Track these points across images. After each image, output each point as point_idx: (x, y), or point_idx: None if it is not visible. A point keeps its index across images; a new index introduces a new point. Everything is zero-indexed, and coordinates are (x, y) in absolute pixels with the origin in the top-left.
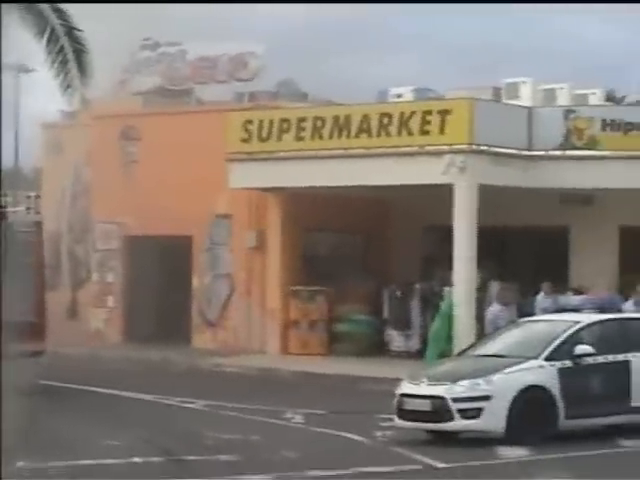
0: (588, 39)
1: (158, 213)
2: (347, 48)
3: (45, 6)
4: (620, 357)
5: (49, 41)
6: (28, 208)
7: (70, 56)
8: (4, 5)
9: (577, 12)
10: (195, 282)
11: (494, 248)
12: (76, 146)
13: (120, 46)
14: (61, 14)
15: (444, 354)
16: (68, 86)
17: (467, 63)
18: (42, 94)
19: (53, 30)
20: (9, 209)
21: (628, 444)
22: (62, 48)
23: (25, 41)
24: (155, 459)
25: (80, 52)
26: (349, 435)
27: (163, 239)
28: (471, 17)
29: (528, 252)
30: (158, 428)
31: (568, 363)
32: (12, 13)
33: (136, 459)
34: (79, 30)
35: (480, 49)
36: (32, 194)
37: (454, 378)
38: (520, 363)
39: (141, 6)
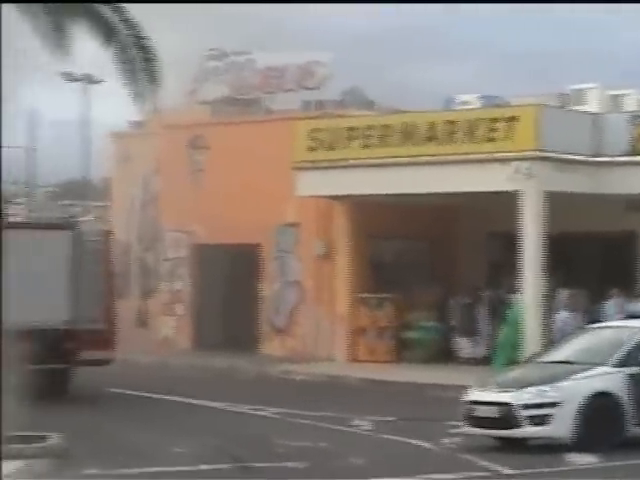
0: None
1: (226, 221)
2: (413, 56)
3: (114, 17)
4: None
5: (118, 51)
6: (98, 218)
7: (139, 65)
8: (4, 5)
9: None
10: (263, 290)
11: (561, 255)
12: (145, 156)
13: (188, 56)
14: (129, 24)
15: (512, 361)
16: (137, 95)
17: (533, 69)
18: (111, 105)
19: (122, 40)
20: (79, 219)
21: None
22: (131, 58)
23: (94, 52)
24: (224, 466)
25: (149, 61)
26: (417, 442)
27: (231, 247)
28: (537, 23)
29: (595, 258)
30: (227, 435)
31: (636, 369)
32: (81, 24)
33: (205, 466)
34: (148, 39)
35: (546, 55)
36: (102, 204)
37: (522, 385)
38: (588, 370)
39: (209, 16)
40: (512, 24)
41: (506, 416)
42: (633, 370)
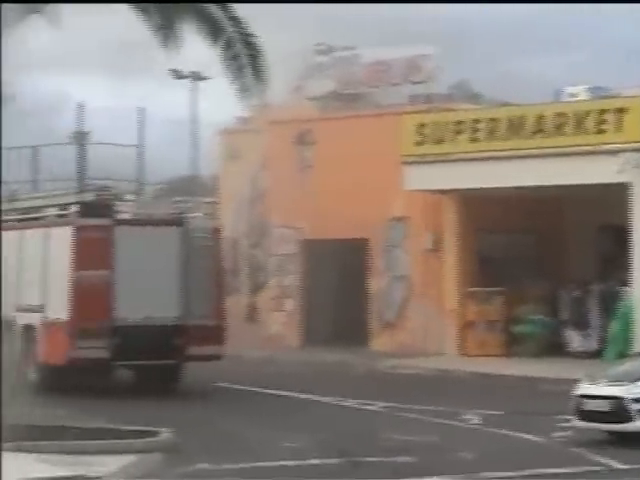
0: None
1: (334, 217)
2: (521, 48)
3: (221, 15)
4: None
5: (224, 47)
6: (206, 214)
7: (245, 61)
8: (4, 5)
9: None
10: (372, 284)
11: None
12: (252, 152)
13: (295, 52)
14: (236, 22)
15: (623, 354)
16: (244, 91)
17: None
18: (219, 102)
19: (228, 38)
20: (189, 215)
21: None
22: (237, 54)
23: (201, 50)
24: (332, 461)
25: (255, 57)
26: (527, 436)
27: (339, 242)
28: None
29: None
30: (336, 430)
31: None
32: (189, 22)
33: (314, 461)
34: (253, 36)
35: None
36: (210, 200)
37: (633, 378)
38: None
39: (315, 12)
40: (621, 14)
41: (617, 410)
42: None
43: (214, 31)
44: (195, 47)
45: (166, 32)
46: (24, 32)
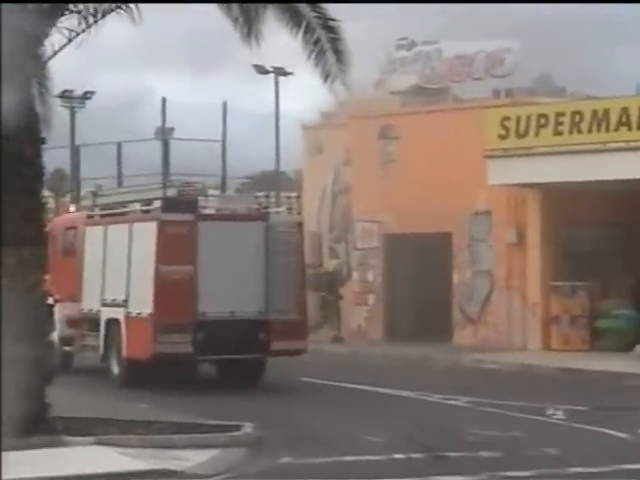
0: None
1: (417, 211)
2: (604, 40)
3: (302, 5)
4: None
5: (305, 34)
6: (289, 209)
7: (327, 46)
8: (4, 5)
9: None
10: (455, 278)
11: None
12: (335, 147)
13: (377, 46)
14: (315, 8)
15: None
16: (327, 75)
17: None
18: (302, 97)
19: (309, 24)
20: (271, 210)
21: None
22: (318, 39)
23: (284, 43)
24: (417, 455)
25: (336, 41)
26: (611, 432)
27: (422, 236)
28: None
29: None
30: (419, 425)
31: None
32: (269, 12)
33: (398, 455)
34: (334, 20)
35: None
36: (293, 195)
37: None
38: None
39: (397, 6)
40: None
41: None
42: None
43: (294, 19)
44: (277, 40)
45: (247, 24)
46: (104, 30)
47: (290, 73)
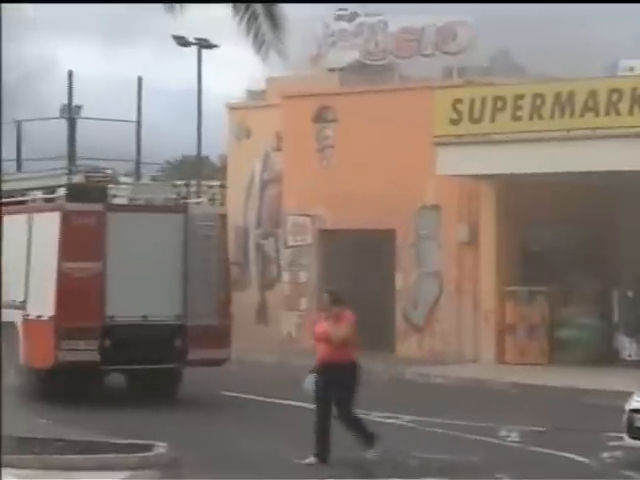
0: None
1: (357, 204)
2: (571, 16)
3: None
4: None
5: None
6: (212, 199)
7: (260, 9)
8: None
9: None
10: (399, 281)
11: None
12: (265, 130)
13: (313, 17)
14: None
15: None
16: (260, 44)
17: None
18: (228, 73)
19: None
20: (191, 200)
21: None
22: (249, 5)
23: (208, 15)
24: None
25: (270, 4)
26: (572, 456)
27: (362, 233)
28: None
29: None
30: (353, 446)
31: None
32: None
33: None
34: None
35: None
36: (216, 184)
37: None
38: None
39: None
40: None
41: None
42: None
43: None
44: (201, 8)
45: None
46: None
47: (215, 46)
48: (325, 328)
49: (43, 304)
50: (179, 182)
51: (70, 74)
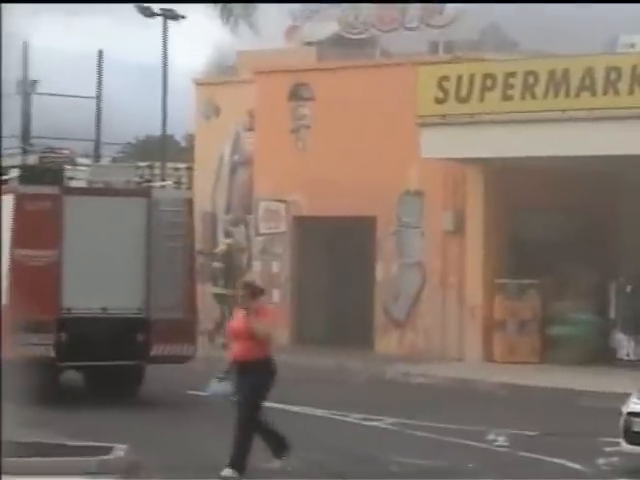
0: None
1: (334, 189)
2: None
3: None
4: None
5: None
6: (177, 183)
7: None
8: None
9: None
10: (379, 272)
11: None
12: (235, 108)
13: None
14: None
15: None
16: (230, 14)
17: None
18: (196, 46)
19: None
20: (156, 184)
21: None
22: None
23: None
24: None
25: None
26: (564, 462)
27: (340, 220)
28: None
29: None
30: (331, 449)
31: None
32: None
33: None
34: None
35: None
36: (182, 166)
37: None
38: None
39: None
40: None
41: None
42: None
43: None
44: None
45: None
46: None
47: (182, 17)
48: (246, 324)
49: None
50: (142, 164)
51: (25, 46)
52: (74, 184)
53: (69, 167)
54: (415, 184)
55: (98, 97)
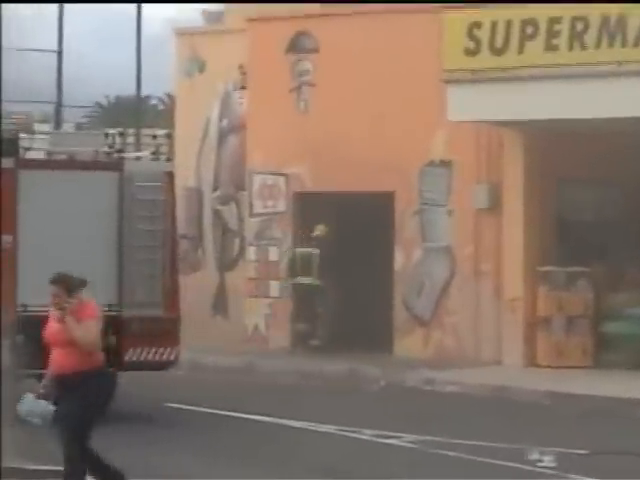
0: None
1: (343, 159)
2: None
3: None
4: None
5: None
6: (155, 153)
7: None
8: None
9: None
10: (398, 260)
11: None
12: (224, 62)
13: None
14: None
15: None
16: None
17: None
18: None
19: None
20: (129, 155)
21: None
22: None
23: None
24: None
25: None
26: None
27: (350, 197)
28: None
29: None
30: (340, 474)
31: None
32: None
33: None
34: None
35: None
36: (161, 133)
37: None
38: None
39: None
40: None
41: None
42: None
43: None
44: None
45: None
46: None
47: None
48: (62, 329)
49: None
50: (112, 130)
51: None
52: (31, 155)
53: (25, 135)
54: (441, 153)
55: (59, 51)
